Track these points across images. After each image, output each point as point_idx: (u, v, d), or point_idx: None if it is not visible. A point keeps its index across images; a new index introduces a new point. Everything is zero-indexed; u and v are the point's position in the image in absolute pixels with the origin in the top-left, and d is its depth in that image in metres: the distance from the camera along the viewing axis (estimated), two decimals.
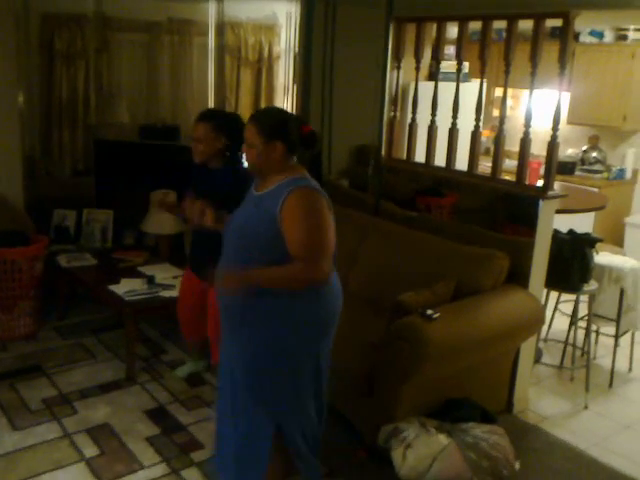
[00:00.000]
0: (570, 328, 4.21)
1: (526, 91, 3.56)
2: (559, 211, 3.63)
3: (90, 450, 3.15)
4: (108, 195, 4.93)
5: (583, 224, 4.85)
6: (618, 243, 5.89)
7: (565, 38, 3.33)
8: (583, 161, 6.50)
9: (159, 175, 4.63)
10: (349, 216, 4.04)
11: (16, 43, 4.45)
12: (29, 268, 4.09)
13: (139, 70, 5.63)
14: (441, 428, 2.98)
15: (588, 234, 3.76)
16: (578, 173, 6.38)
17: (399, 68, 4.26)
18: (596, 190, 5.92)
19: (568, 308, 4.28)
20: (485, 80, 3.76)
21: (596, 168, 6.38)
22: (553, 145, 3.43)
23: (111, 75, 5.42)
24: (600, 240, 3.81)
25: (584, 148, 6.55)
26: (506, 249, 3.44)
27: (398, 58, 4.25)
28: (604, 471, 3.18)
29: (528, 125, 3.51)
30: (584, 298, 3.98)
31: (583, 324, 4.13)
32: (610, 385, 4.04)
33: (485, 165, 4.20)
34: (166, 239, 4.54)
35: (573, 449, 3.34)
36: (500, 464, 2.87)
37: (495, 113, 6.86)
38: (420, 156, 4.20)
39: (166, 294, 3.86)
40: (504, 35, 3.61)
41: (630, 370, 4.23)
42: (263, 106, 6.58)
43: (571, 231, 3.79)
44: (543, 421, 3.60)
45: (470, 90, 4.11)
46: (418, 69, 4.17)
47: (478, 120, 3.80)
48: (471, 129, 3.81)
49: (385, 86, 4.28)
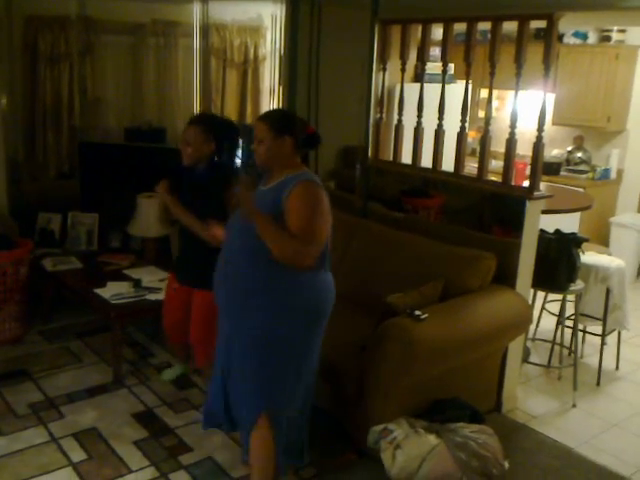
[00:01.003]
0: (557, 327, 4.23)
1: (511, 92, 3.58)
2: (545, 211, 3.64)
3: (77, 455, 3.12)
4: (93, 198, 4.90)
5: (569, 224, 4.88)
6: (603, 243, 5.93)
7: (549, 39, 3.35)
8: (568, 161, 6.54)
9: (145, 177, 4.60)
10: (337, 218, 4.02)
11: None
12: (14, 272, 4.05)
13: (124, 72, 5.59)
14: (430, 428, 2.97)
15: (574, 234, 3.78)
16: (563, 173, 6.42)
17: (385, 70, 4.27)
18: (582, 190, 5.96)
19: (555, 308, 4.30)
20: (470, 81, 3.78)
21: (581, 168, 6.42)
22: (539, 146, 3.45)
23: (96, 77, 5.38)
24: (586, 240, 3.84)
25: (569, 149, 6.59)
26: (493, 249, 3.45)
27: (384, 60, 4.26)
28: (593, 469, 3.19)
29: (514, 126, 3.52)
30: (571, 297, 4.00)
31: (570, 323, 4.15)
32: (597, 383, 4.07)
33: (471, 166, 4.22)
34: (152, 242, 4.52)
35: (562, 447, 3.35)
36: (489, 463, 2.87)
37: (480, 114, 6.89)
38: (406, 157, 4.21)
39: (152, 297, 3.84)
40: (489, 36, 3.63)
41: (617, 368, 4.27)
42: (249, 108, 6.60)
43: (557, 231, 3.81)
44: (532, 420, 3.61)
45: (455, 91, 4.14)
46: (404, 70, 4.17)
47: (464, 121, 3.82)
48: (457, 130, 3.83)
49: (371, 88, 4.28)
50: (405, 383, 3.03)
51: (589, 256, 4.03)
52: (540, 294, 4.11)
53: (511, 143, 3.55)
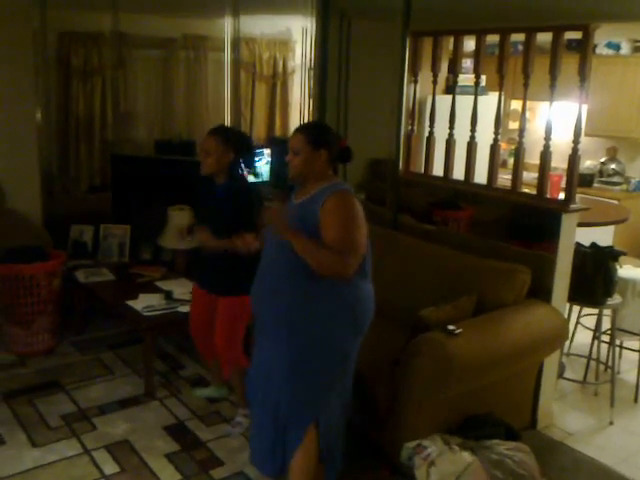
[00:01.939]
0: (593, 342, 4.15)
1: (542, 104, 3.55)
2: (579, 224, 3.59)
3: (110, 467, 3.13)
4: (125, 210, 4.94)
5: (602, 237, 4.79)
6: (638, 255, 5.81)
7: (585, 50, 3.32)
8: (601, 173, 6.45)
9: (175, 190, 4.64)
10: (368, 230, 4.01)
11: (34, 60, 4.50)
12: (47, 283, 4.09)
13: (155, 86, 5.65)
14: (465, 445, 2.92)
15: (611, 247, 3.72)
16: (596, 185, 6.33)
17: (416, 82, 4.25)
18: (616, 202, 5.86)
19: (589, 322, 4.22)
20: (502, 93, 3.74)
21: (615, 180, 6.33)
22: (574, 158, 3.40)
23: (127, 91, 5.44)
24: (624, 254, 3.76)
25: (602, 160, 6.50)
26: (528, 263, 3.40)
27: (415, 72, 4.24)
28: None
29: (548, 138, 3.48)
30: (607, 312, 3.92)
31: (606, 338, 4.07)
32: (635, 400, 3.97)
33: (502, 177, 4.17)
34: (183, 254, 4.53)
35: (600, 466, 3.27)
36: None
37: (511, 126, 6.84)
38: (437, 170, 4.18)
39: (184, 309, 3.84)
40: (520, 48, 3.60)
41: None
42: (278, 121, 6.62)
43: (594, 244, 3.75)
44: (568, 437, 3.54)
45: (486, 103, 4.10)
46: (435, 83, 4.15)
47: (497, 133, 3.78)
48: (488, 142, 3.79)
49: (402, 100, 4.26)
50: (438, 399, 2.98)
51: (626, 270, 3.96)
52: (575, 308, 4.04)
53: (546, 155, 3.51)
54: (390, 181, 4.44)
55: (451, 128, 4.05)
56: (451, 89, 4.18)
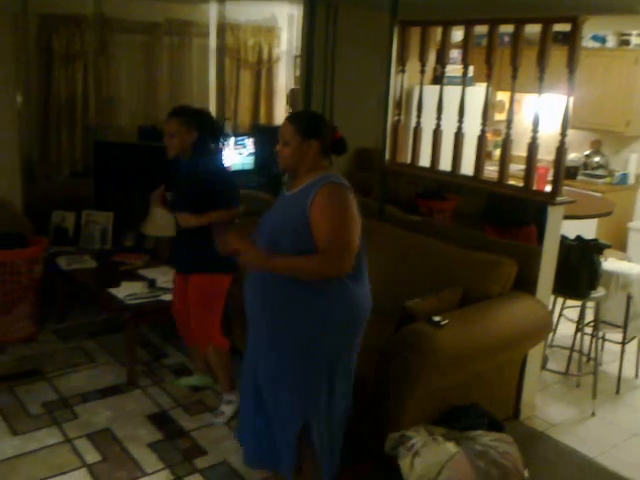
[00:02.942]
0: (576, 334, 4.17)
1: (528, 95, 3.55)
2: (565, 217, 3.59)
3: (91, 456, 3.10)
4: (107, 196, 4.88)
5: (586, 229, 4.81)
6: (621, 248, 5.86)
7: (574, 42, 3.30)
8: (586, 166, 6.48)
9: (158, 177, 4.57)
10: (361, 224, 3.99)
11: (14, 44, 4.40)
12: (28, 270, 4.03)
13: (138, 71, 5.59)
14: (449, 436, 2.93)
15: (596, 240, 3.73)
16: (580, 178, 6.35)
17: (404, 72, 4.22)
18: (599, 195, 5.89)
19: (572, 314, 4.24)
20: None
21: (599, 173, 6.36)
22: (561, 150, 3.40)
23: (110, 76, 5.37)
24: (609, 246, 3.79)
25: (587, 153, 6.53)
26: (513, 255, 3.40)
27: (402, 61, 4.21)
28: (613, 479, 3.14)
29: (536, 130, 3.48)
30: (590, 304, 3.95)
31: (588, 330, 4.10)
32: (617, 392, 4.01)
33: (487, 169, 4.16)
34: (166, 241, 4.48)
35: (582, 457, 3.30)
36: (509, 473, 2.81)
37: (496, 117, 6.84)
38: (423, 160, 4.17)
39: (167, 297, 3.80)
40: (506, 39, 3.58)
41: (637, 376, 4.20)
42: (263, 108, 6.58)
43: (579, 237, 3.76)
44: (550, 428, 3.56)
45: (473, 94, 4.08)
46: (423, 73, 4.13)
47: (484, 124, 3.77)
48: (475, 133, 3.78)
49: (389, 89, 4.23)
50: (423, 390, 2.98)
51: (610, 263, 3.99)
52: (559, 300, 4.06)
53: (533, 147, 3.50)
54: (377, 171, 4.42)
55: (439, 119, 4.03)
56: (438, 79, 4.15)
